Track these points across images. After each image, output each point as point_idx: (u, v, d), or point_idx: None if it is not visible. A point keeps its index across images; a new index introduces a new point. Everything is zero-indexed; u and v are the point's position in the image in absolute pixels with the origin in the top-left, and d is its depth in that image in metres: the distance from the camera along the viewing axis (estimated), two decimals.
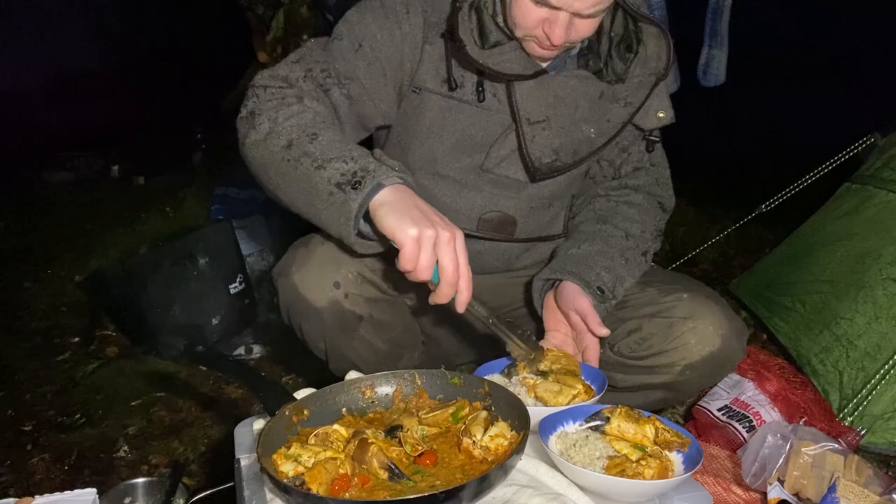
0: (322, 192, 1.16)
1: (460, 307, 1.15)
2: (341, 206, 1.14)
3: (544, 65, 1.42)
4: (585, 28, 1.29)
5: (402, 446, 1.04)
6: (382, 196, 1.13)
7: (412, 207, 1.12)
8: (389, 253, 1.51)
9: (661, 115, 1.51)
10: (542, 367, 1.31)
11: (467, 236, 1.54)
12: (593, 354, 1.39)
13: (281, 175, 1.23)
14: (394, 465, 0.98)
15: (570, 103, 1.44)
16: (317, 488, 0.93)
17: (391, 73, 1.42)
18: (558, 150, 1.47)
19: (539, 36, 1.30)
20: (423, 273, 1.12)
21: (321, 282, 1.36)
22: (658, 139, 1.58)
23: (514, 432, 1.05)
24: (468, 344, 1.74)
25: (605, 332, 1.36)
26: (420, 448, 1.04)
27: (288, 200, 1.24)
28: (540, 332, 1.48)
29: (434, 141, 1.48)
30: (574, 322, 1.40)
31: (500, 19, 1.38)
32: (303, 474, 0.96)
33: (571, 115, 1.45)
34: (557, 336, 1.44)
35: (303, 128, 1.23)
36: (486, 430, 1.04)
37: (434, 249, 1.11)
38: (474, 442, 1.02)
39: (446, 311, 1.64)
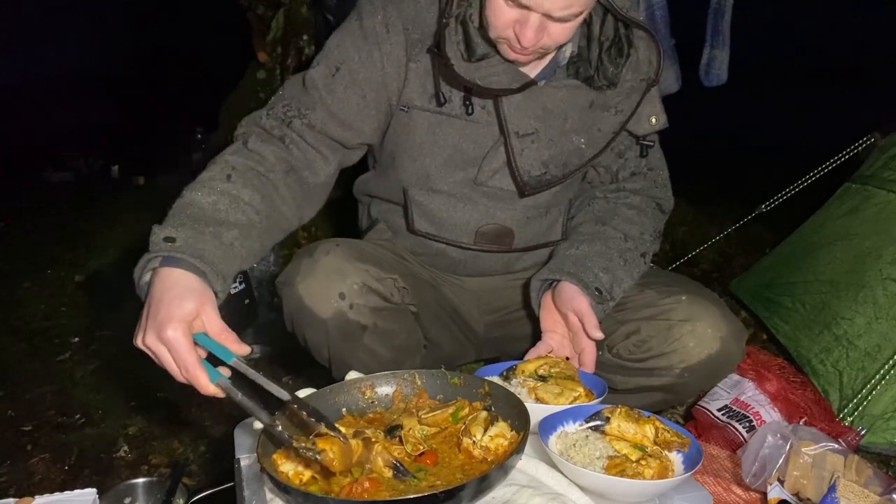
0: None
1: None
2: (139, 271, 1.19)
3: (533, 75, 1.41)
4: (559, 32, 1.27)
5: (402, 445, 1.04)
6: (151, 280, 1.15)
7: (151, 305, 1.10)
8: (388, 260, 1.52)
9: (653, 120, 1.50)
10: (541, 371, 1.31)
11: (466, 250, 1.55)
12: (590, 357, 1.39)
13: None
14: (399, 462, 0.98)
15: (559, 114, 1.44)
16: (339, 491, 0.94)
17: (371, 94, 1.43)
18: (548, 163, 1.46)
19: (510, 37, 1.28)
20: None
21: (326, 293, 1.36)
22: (653, 143, 1.56)
23: (514, 432, 1.05)
24: (469, 346, 1.74)
25: (599, 335, 1.35)
26: (421, 447, 1.04)
27: None
28: (537, 334, 1.48)
29: (426, 157, 1.48)
30: (571, 322, 1.39)
31: (484, 31, 1.37)
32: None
33: (561, 126, 1.45)
34: (555, 337, 1.44)
35: (190, 186, 1.29)
36: (486, 430, 1.04)
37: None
38: (474, 442, 1.02)
39: (448, 315, 1.65)
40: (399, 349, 1.47)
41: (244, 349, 1.12)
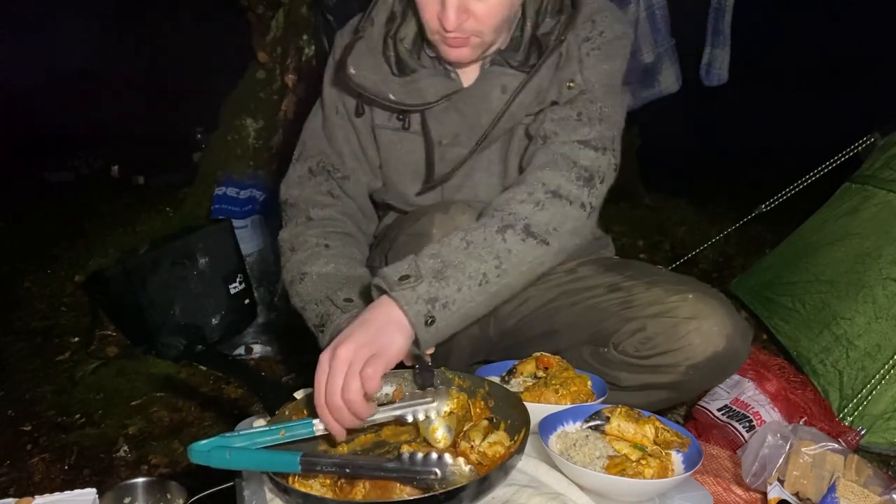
0: (310, 329, 1.36)
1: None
2: (320, 343, 1.30)
3: (473, 78, 1.44)
4: (483, 13, 1.29)
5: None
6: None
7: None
8: None
9: (571, 84, 1.40)
10: (539, 373, 1.31)
11: None
12: None
13: (292, 299, 1.41)
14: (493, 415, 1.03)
15: (473, 114, 1.45)
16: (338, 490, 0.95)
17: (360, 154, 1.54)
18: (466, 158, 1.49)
19: (439, 30, 1.31)
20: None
21: None
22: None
23: (512, 441, 1.05)
24: (481, 348, 1.73)
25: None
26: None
27: None
28: (548, 335, 1.48)
29: (391, 171, 1.53)
30: None
31: (416, 48, 1.44)
32: None
33: (477, 121, 1.45)
34: None
35: (298, 265, 1.39)
36: (485, 436, 1.04)
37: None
38: (472, 447, 1.03)
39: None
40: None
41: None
